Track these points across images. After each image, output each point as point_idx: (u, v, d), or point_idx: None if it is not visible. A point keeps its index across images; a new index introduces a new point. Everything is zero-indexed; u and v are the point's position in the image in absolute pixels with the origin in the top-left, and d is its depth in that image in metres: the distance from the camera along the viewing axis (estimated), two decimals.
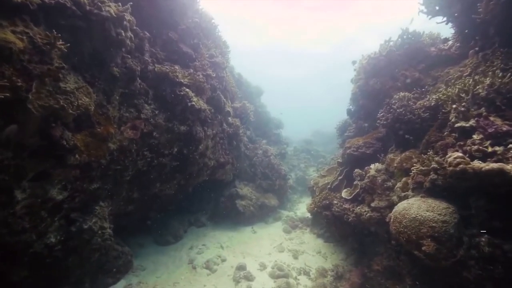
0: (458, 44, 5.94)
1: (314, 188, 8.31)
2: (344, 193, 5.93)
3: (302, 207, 11.94)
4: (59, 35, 3.19)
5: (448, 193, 3.52)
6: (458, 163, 2.96)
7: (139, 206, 6.53)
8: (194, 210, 9.94)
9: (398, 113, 4.58)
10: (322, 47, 42.29)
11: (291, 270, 6.51)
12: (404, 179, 4.37)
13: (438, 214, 3.38)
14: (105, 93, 4.25)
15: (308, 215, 10.18)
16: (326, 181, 7.85)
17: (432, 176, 3.57)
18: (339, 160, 7.50)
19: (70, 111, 3.33)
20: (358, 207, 5.32)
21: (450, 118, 3.54)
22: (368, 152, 5.99)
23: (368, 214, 4.92)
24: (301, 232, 9.06)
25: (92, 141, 4.04)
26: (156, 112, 5.26)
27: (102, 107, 4.23)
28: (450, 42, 6.15)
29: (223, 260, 6.95)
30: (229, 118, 7.86)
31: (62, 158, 3.58)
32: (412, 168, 4.07)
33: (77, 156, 3.77)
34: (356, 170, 5.84)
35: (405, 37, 6.40)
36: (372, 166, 5.50)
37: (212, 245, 7.90)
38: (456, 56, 5.87)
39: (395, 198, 4.58)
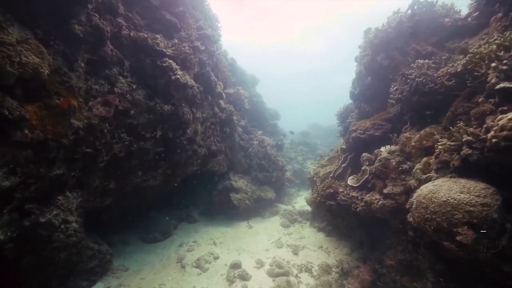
0: (476, 14, 5.32)
1: (315, 179, 7.67)
2: (351, 180, 5.29)
3: (301, 201, 11.33)
4: None
5: (486, 172, 2.88)
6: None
7: (119, 199, 5.78)
8: (185, 205, 9.22)
9: (417, 83, 3.93)
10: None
11: (291, 267, 5.86)
12: (424, 159, 3.73)
13: (476, 196, 2.74)
14: (66, 58, 3.48)
15: (308, 208, 9.57)
16: (328, 170, 7.21)
17: (466, 151, 2.93)
18: (342, 146, 6.85)
19: (9, 69, 2.56)
20: (368, 195, 4.68)
21: (488, 80, 2.91)
22: (376, 134, 5.35)
23: (380, 202, 4.28)
24: (301, 226, 8.42)
25: (49, 115, 3.28)
26: (134, 86, 4.50)
27: (62, 75, 3.46)
28: (466, 12, 5.53)
29: (216, 258, 6.26)
30: (221, 102, 7.12)
31: (4, 133, 2.83)
32: (437, 145, 3.42)
33: (26, 131, 3.01)
34: (364, 154, 5.20)
35: (416, 7, 5.74)
36: (382, 148, 4.86)
37: (204, 241, 7.20)
38: (474, 26, 5.25)
39: (412, 182, 3.95)
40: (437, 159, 3.48)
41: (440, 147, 3.25)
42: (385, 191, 4.30)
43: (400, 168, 4.20)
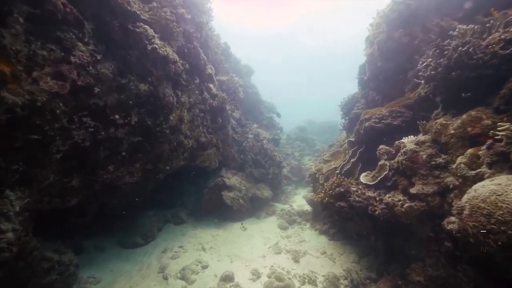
0: None
1: (317, 176, 6.85)
2: (364, 178, 4.47)
3: (298, 199, 10.52)
4: None
5: None
6: None
7: (88, 198, 4.83)
8: (172, 204, 8.29)
9: (460, 54, 3.11)
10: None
11: (292, 278, 5.04)
12: (470, 151, 2.92)
13: None
14: None
15: (307, 208, 8.77)
16: (333, 166, 6.39)
17: None
18: (350, 139, 6.03)
19: None
20: (388, 195, 3.87)
21: None
22: (395, 123, 4.54)
23: (406, 205, 3.47)
24: (300, 228, 7.62)
25: None
26: (98, 57, 3.53)
27: None
28: None
29: (204, 267, 5.38)
30: (212, 86, 6.19)
31: None
32: (493, 132, 2.61)
33: None
34: (381, 146, 4.38)
35: None
36: (405, 139, 4.04)
37: (191, 246, 6.31)
38: None
39: (451, 179, 3.15)
40: (491, 150, 2.66)
41: (502, 132, 2.43)
42: (412, 190, 3.48)
43: (433, 163, 3.39)
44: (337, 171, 5.83)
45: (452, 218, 3.09)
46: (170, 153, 5.36)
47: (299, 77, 57.11)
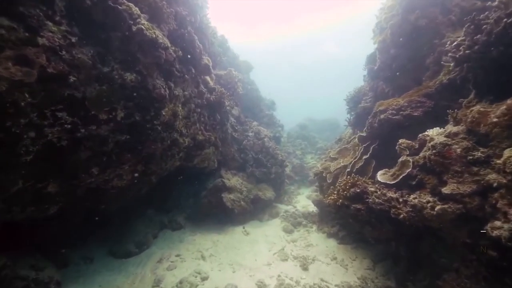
0: None
1: (324, 174, 6.34)
2: (382, 176, 3.97)
3: (302, 200, 10.03)
4: None
5: None
6: None
7: (70, 205, 4.28)
8: (168, 209, 7.75)
9: (504, 27, 2.62)
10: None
11: None
12: None
13: None
14: None
15: (313, 208, 8.28)
16: (342, 164, 5.88)
17: None
18: (361, 134, 5.53)
19: None
20: (413, 196, 3.36)
21: None
22: (415, 114, 4.04)
23: (438, 207, 2.97)
24: (306, 231, 7.12)
25: None
26: (74, 40, 2.99)
27: None
28: None
29: (204, 278, 4.86)
30: (209, 79, 5.66)
31: None
32: None
33: None
34: (402, 140, 3.88)
35: None
36: (431, 131, 3.55)
37: (189, 254, 5.78)
38: None
39: (493, 177, 2.66)
40: None
41: None
42: (445, 190, 2.98)
43: (470, 157, 2.89)
44: (348, 170, 5.33)
45: (498, 223, 2.60)
46: (164, 153, 4.84)
47: (300, 80, 58.25)
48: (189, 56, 4.54)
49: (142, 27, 3.19)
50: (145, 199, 7.12)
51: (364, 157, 5.04)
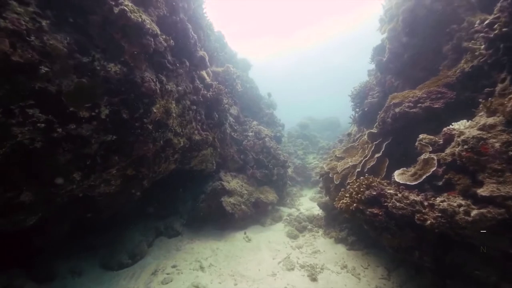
0: None
1: (331, 175, 5.90)
2: (401, 177, 3.54)
3: (305, 202, 9.60)
4: None
5: None
6: None
7: (52, 215, 3.84)
8: (164, 214, 7.28)
9: None
10: None
11: None
12: None
13: None
14: None
15: (318, 211, 7.83)
16: (350, 163, 5.46)
17: None
18: (371, 131, 5.11)
19: None
20: (440, 199, 2.93)
21: None
22: (436, 106, 3.63)
23: (475, 212, 2.54)
24: (312, 236, 6.67)
25: None
26: (44, 23, 2.55)
27: None
28: None
29: None
30: (205, 74, 5.23)
31: None
32: None
33: None
34: (423, 135, 3.45)
35: None
36: (456, 124, 3.13)
37: (187, 265, 5.32)
38: None
39: None
40: None
41: None
42: (482, 192, 2.56)
43: (511, 153, 2.46)
44: (358, 170, 4.91)
45: None
46: (157, 155, 4.39)
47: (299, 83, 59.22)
48: (182, 47, 4.09)
49: (126, 8, 2.76)
50: (138, 205, 6.69)
51: (376, 155, 4.62)
